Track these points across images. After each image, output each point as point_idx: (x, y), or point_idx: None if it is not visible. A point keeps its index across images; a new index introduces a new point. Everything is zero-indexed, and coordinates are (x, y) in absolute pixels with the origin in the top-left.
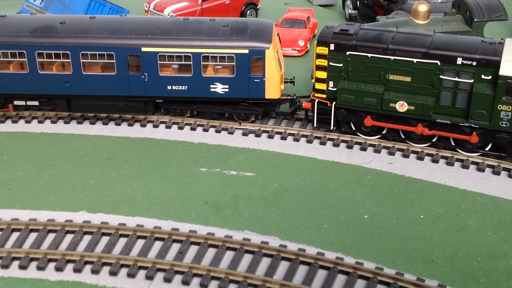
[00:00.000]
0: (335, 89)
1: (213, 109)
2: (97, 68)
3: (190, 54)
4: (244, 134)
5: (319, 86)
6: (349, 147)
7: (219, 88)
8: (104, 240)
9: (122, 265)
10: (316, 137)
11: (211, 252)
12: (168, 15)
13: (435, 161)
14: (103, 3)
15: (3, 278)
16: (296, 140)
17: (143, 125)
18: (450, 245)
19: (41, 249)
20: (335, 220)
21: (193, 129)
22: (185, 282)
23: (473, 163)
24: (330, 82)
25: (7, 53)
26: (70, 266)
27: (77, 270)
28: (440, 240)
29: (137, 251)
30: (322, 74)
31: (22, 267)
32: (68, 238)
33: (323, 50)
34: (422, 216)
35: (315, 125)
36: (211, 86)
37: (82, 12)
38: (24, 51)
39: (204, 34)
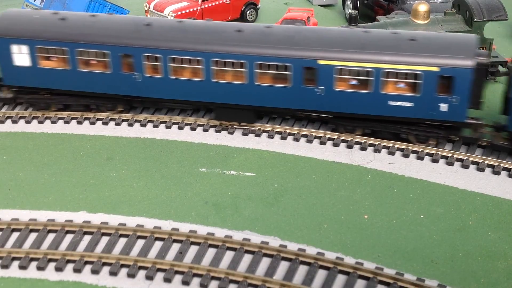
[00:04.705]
0: None
1: None
2: None
3: None
4: (244, 134)
5: None
6: (349, 147)
7: None
8: (104, 240)
9: (122, 265)
10: (316, 137)
11: (211, 252)
12: (168, 15)
13: (435, 161)
14: (103, 3)
15: (3, 278)
16: (296, 140)
17: (143, 125)
18: (450, 245)
19: (41, 249)
20: (335, 220)
21: (193, 129)
22: (185, 282)
23: (473, 163)
24: None
25: None
26: (70, 266)
27: (77, 270)
28: (440, 240)
29: (137, 251)
30: None
31: (22, 267)
32: (68, 238)
33: None
34: (422, 216)
35: None
36: None
37: (81, 12)
38: None
39: None
